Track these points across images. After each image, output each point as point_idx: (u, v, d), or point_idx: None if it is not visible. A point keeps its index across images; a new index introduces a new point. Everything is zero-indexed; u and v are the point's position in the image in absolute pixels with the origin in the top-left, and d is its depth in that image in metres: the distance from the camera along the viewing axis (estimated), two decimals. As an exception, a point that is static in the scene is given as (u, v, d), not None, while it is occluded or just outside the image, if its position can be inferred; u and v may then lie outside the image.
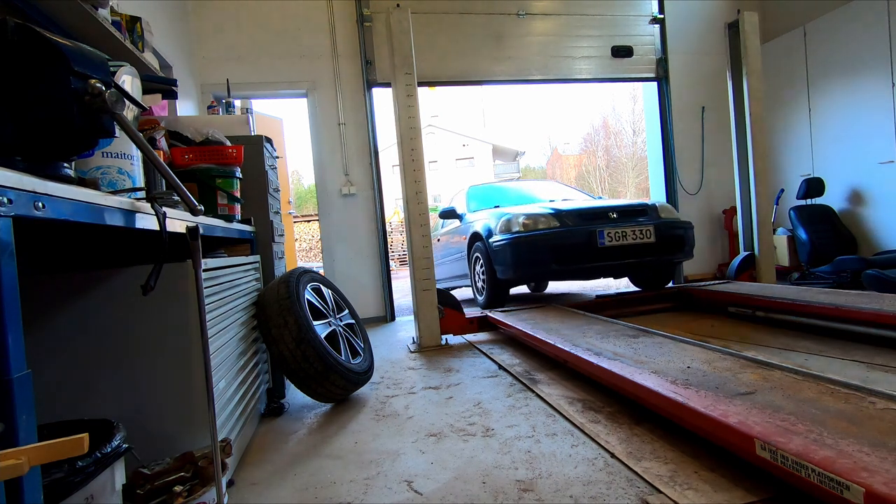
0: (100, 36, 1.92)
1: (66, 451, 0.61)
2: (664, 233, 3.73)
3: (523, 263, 3.69)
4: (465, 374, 2.62)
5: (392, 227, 15.22)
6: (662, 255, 3.77)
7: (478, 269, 4.28)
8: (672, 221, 3.88)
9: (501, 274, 3.83)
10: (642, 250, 3.66)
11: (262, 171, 2.51)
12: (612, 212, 3.82)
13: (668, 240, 3.75)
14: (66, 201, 0.81)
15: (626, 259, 3.66)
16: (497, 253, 3.83)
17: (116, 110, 0.90)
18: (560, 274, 3.88)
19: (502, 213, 4.05)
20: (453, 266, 5.20)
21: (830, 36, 4.79)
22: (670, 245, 3.79)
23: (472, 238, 4.39)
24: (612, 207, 3.92)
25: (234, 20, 4.57)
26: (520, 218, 3.80)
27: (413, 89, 3.31)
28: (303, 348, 2.04)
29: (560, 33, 5.19)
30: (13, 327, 0.66)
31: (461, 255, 4.78)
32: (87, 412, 1.25)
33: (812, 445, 1.11)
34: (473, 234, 4.32)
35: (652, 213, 3.90)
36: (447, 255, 5.36)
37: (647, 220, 3.80)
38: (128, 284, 1.36)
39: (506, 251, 3.74)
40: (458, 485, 1.44)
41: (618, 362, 1.91)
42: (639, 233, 3.65)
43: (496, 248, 3.84)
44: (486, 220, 4.17)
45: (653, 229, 3.68)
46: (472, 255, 4.41)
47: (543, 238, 3.64)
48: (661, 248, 3.71)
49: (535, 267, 3.72)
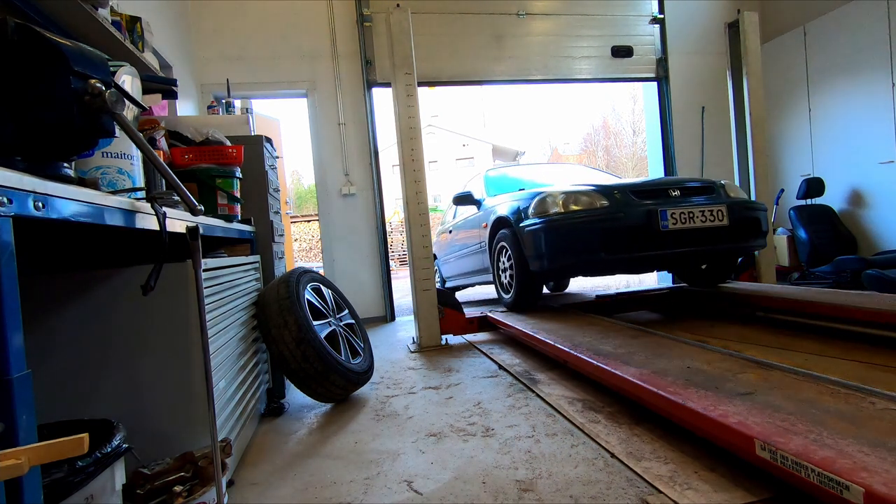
0: (100, 36, 1.92)
1: (66, 451, 0.61)
2: (739, 214, 3.01)
3: (564, 252, 2.98)
4: (465, 374, 2.62)
5: (392, 227, 15.22)
6: (738, 242, 3.06)
7: (503, 262, 3.58)
8: (746, 202, 3.18)
9: (536, 266, 3.12)
10: (714, 235, 2.94)
11: (262, 171, 2.51)
12: (672, 188, 3.09)
13: (743, 223, 3.03)
14: (66, 201, 0.81)
15: (694, 246, 2.92)
16: (530, 240, 3.12)
17: (116, 110, 0.90)
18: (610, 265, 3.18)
19: (535, 191, 3.31)
20: (470, 261, 4.59)
21: (830, 36, 4.79)
22: (746, 229, 3.07)
23: (495, 225, 3.67)
24: (672, 183, 3.21)
25: (234, 20, 4.56)
26: (559, 196, 3.07)
27: (413, 89, 3.31)
28: (303, 348, 2.04)
29: (560, 33, 5.19)
30: (13, 327, 0.66)
31: (480, 246, 4.15)
32: (87, 412, 1.25)
33: (812, 445, 1.11)
34: (498, 220, 3.61)
35: (720, 192, 3.18)
36: (462, 249, 4.76)
37: (716, 199, 3.07)
38: (128, 284, 1.36)
39: (541, 237, 3.04)
40: (458, 485, 1.44)
41: (618, 362, 1.91)
42: (709, 214, 2.92)
43: (529, 233, 3.12)
44: (513, 202, 3.46)
45: (725, 210, 2.95)
46: (495, 245, 3.69)
47: (590, 220, 2.91)
48: (735, 232, 3.00)
49: (578, 256, 2.95)
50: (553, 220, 3.01)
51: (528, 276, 3.29)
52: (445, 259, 5.50)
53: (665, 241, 2.88)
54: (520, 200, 3.37)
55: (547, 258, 3.05)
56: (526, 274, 3.29)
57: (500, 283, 3.74)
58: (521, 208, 3.28)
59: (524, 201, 3.29)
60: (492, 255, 3.80)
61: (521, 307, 3.47)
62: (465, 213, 4.73)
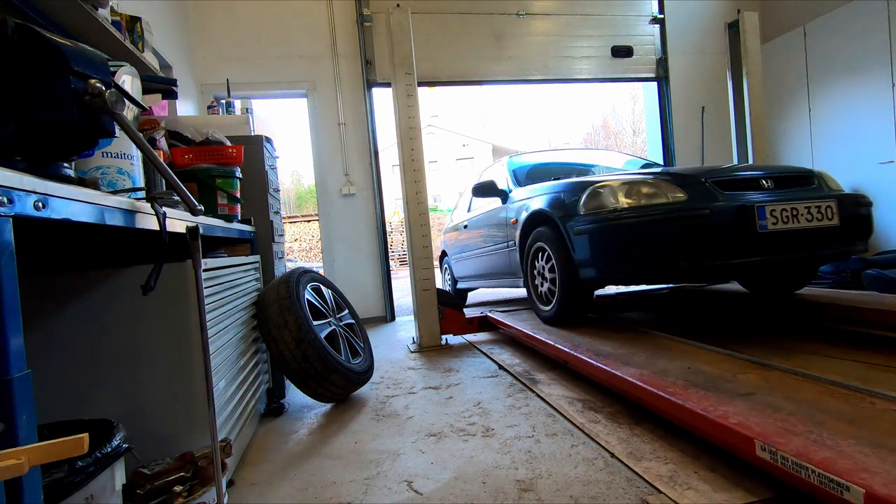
0: (100, 36, 1.92)
1: (66, 451, 0.61)
2: (850, 212, 2.40)
3: (631, 258, 2.35)
4: (465, 374, 2.62)
5: (392, 227, 15.21)
6: (848, 245, 2.45)
7: (540, 266, 2.93)
8: (856, 196, 2.56)
9: (589, 273, 2.51)
10: (822, 238, 2.33)
11: (262, 171, 2.51)
12: (765, 178, 2.42)
13: (854, 222, 2.43)
14: (66, 201, 0.81)
15: (799, 252, 2.30)
16: (583, 242, 2.50)
17: (116, 110, 0.90)
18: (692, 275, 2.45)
19: (583, 181, 2.71)
20: (489, 261, 3.95)
21: (830, 36, 4.79)
22: (857, 229, 2.48)
23: (529, 221, 3.03)
24: (764, 171, 2.51)
25: (234, 20, 4.56)
26: (619, 188, 2.43)
27: (413, 89, 3.31)
28: (303, 348, 2.04)
29: (560, 33, 5.19)
30: (13, 327, 0.66)
31: (507, 245, 3.51)
32: (87, 412, 1.25)
33: (812, 446, 1.11)
34: (533, 216, 2.97)
35: (821, 183, 2.54)
36: (480, 247, 4.13)
37: (818, 192, 2.46)
38: (128, 284, 1.36)
39: (600, 239, 2.42)
40: (458, 485, 1.44)
41: (618, 363, 1.91)
42: (816, 211, 2.29)
43: (581, 234, 2.50)
44: (553, 193, 2.84)
45: (835, 206, 2.32)
46: (529, 245, 3.03)
47: (664, 219, 2.27)
48: (846, 234, 2.40)
49: (650, 263, 2.32)
50: (615, 219, 2.36)
51: (576, 284, 2.63)
52: (457, 257, 4.94)
53: (763, 246, 2.22)
54: (563, 192, 2.74)
55: (607, 265, 2.44)
56: (574, 282, 2.62)
57: (535, 291, 3.06)
58: (565, 202, 2.66)
59: (568, 193, 2.67)
60: (524, 258, 3.14)
61: (565, 321, 2.77)
62: (484, 205, 4.10)
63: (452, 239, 5.10)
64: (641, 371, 1.78)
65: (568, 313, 2.76)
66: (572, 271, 2.61)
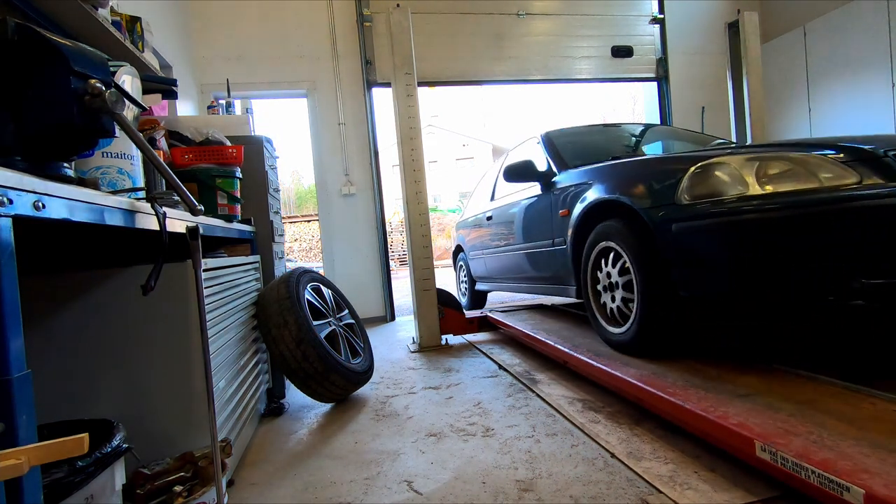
0: (100, 36, 1.91)
1: (66, 451, 0.61)
2: None
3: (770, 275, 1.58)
4: (465, 374, 2.62)
5: (392, 227, 15.22)
6: None
7: (608, 274, 2.15)
8: None
9: (697, 290, 1.76)
10: None
11: (262, 171, 2.51)
12: None
13: None
14: (67, 201, 0.81)
15: None
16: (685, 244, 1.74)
17: (116, 110, 0.90)
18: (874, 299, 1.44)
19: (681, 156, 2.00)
20: (523, 261, 3.15)
21: (830, 36, 4.79)
22: None
23: (590, 212, 2.28)
24: None
25: (234, 20, 4.56)
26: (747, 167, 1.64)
27: (413, 89, 3.31)
28: (303, 348, 2.04)
29: (560, 33, 5.19)
30: (13, 327, 0.66)
31: (549, 242, 2.73)
32: (87, 412, 1.25)
33: (812, 447, 1.11)
34: (597, 206, 2.22)
35: None
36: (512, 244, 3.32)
37: None
38: (128, 284, 1.36)
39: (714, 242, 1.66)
40: (458, 485, 1.44)
41: (618, 363, 1.91)
42: None
43: (685, 232, 1.72)
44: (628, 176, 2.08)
45: None
46: (590, 244, 2.27)
47: (832, 213, 1.44)
48: None
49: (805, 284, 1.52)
50: (744, 212, 1.56)
51: (668, 302, 1.86)
52: (477, 254, 4.20)
53: None
54: (645, 173, 1.99)
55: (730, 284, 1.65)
56: (664, 299, 1.86)
57: (598, 306, 2.27)
58: (652, 187, 1.90)
59: (656, 175, 1.92)
60: (580, 260, 2.37)
61: (647, 349, 1.99)
62: (514, 192, 3.35)
63: (471, 232, 4.35)
64: (641, 372, 1.78)
65: (653, 338, 1.94)
66: (662, 282, 1.86)
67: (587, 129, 3.50)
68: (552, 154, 2.95)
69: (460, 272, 5.00)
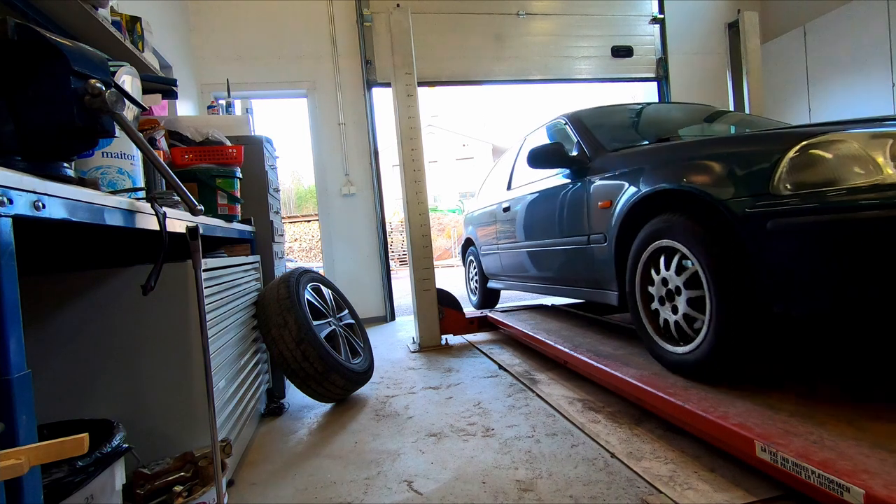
0: (100, 36, 1.91)
1: (66, 451, 0.61)
2: None
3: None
4: (465, 374, 2.62)
5: (392, 227, 15.21)
6: None
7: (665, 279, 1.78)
8: None
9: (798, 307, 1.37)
10: None
11: (262, 171, 2.51)
12: None
13: None
14: (67, 201, 0.81)
15: None
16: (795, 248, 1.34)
17: (116, 110, 0.90)
18: None
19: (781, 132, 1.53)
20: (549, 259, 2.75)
21: (830, 36, 4.79)
22: None
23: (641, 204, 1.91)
24: None
25: (233, 20, 4.56)
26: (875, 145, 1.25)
27: (413, 89, 3.31)
28: (303, 348, 2.04)
29: (560, 33, 5.19)
30: (13, 327, 0.66)
31: (585, 239, 2.31)
32: (87, 412, 1.25)
33: (812, 447, 1.11)
34: (652, 197, 1.84)
35: None
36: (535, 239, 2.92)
37: None
38: (128, 284, 1.36)
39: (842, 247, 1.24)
40: (458, 485, 1.44)
41: (618, 364, 1.91)
42: None
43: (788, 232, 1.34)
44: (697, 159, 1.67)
45: None
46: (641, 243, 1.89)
47: None
48: None
49: None
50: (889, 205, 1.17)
51: (750, 318, 1.49)
52: (490, 249, 3.80)
53: None
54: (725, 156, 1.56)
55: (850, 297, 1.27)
56: (746, 314, 1.49)
57: (650, 317, 1.88)
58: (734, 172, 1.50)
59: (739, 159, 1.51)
60: (627, 262, 1.97)
61: (721, 374, 1.62)
62: (535, 180, 2.96)
63: (483, 225, 3.95)
64: (642, 372, 1.78)
65: (730, 362, 1.57)
66: (747, 293, 1.48)
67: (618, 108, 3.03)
68: (584, 137, 2.52)
69: (470, 268, 4.61)
